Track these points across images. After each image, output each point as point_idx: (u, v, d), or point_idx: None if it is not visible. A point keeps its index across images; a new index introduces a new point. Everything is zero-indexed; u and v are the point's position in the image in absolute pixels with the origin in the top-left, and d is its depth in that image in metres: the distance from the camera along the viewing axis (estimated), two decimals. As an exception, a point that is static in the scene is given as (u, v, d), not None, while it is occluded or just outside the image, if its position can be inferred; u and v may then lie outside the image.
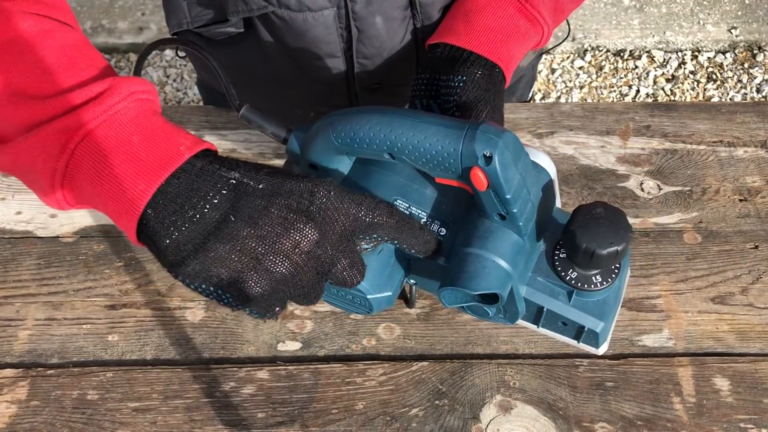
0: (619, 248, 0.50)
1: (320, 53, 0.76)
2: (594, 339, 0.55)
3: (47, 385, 0.68)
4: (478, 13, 0.65)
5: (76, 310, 0.73)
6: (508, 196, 0.49)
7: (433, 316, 0.72)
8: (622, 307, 0.72)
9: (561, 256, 0.54)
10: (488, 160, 0.47)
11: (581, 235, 0.50)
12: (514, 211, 0.50)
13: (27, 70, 0.49)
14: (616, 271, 0.54)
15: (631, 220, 0.78)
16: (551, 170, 0.56)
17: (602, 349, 0.57)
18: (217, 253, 0.44)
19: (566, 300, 0.54)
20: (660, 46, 2.14)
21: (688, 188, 0.82)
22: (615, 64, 2.12)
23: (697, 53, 2.14)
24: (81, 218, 0.79)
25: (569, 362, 0.69)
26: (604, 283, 0.54)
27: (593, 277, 0.54)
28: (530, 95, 1.03)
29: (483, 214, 0.52)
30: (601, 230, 0.50)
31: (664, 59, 2.13)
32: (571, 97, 2.06)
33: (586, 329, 0.54)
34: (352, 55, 0.76)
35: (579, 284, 0.53)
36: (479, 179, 0.48)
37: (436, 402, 0.67)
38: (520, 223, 0.51)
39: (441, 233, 0.55)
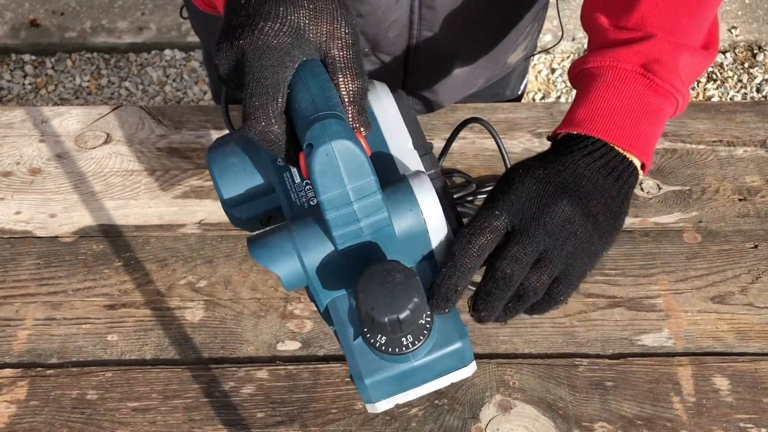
0: (400, 316, 0.44)
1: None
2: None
3: (46, 385, 0.68)
4: (600, 97, 0.58)
5: (75, 309, 0.73)
6: (321, 198, 0.46)
7: (433, 316, 0.72)
8: (622, 306, 0.73)
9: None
10: (309, 149, 0.45)
11: (363, 299, 0.45)
12: (327, 218, 0.47)
13: None
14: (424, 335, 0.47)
15: (630, 220, 0.79)
16: (432, 220, 0.49)
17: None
18: None
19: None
20: (660, 46, 2.14)
21: (688, 188, 0.82)
22: (615, 64, 2.12)
23: (697, 53, 2.14)
24: (80, 218, 0.79)
25: (569, 362, 0.69)
26: (411, 347, 0.47)
27: (403, 339, 0.46)
28: (522, 88, 1.02)
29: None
30: (385, 294, 0.44)
31: (664, 59, 2.12)
32: (571, 97, 2.06)
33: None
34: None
35: (388, 349, 0.47)
36: (303, 166, 0.47)
37: (436, 401, 0.67)
38: (333, 234, 0.48)
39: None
